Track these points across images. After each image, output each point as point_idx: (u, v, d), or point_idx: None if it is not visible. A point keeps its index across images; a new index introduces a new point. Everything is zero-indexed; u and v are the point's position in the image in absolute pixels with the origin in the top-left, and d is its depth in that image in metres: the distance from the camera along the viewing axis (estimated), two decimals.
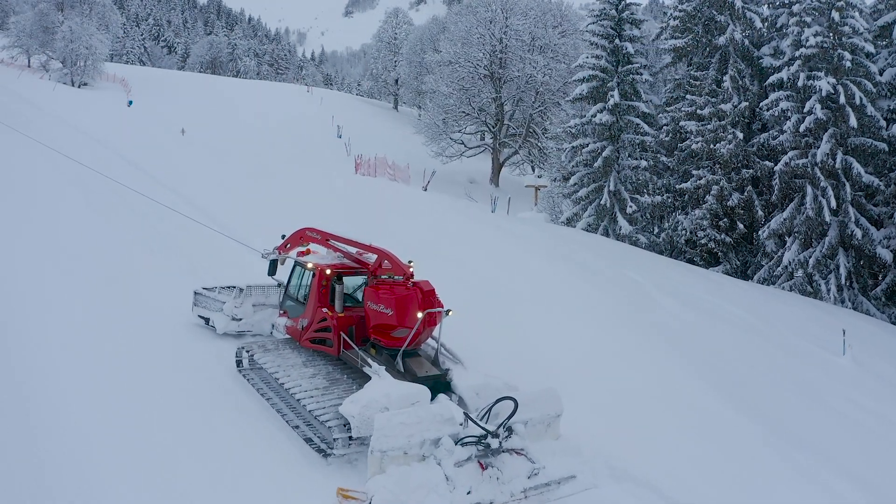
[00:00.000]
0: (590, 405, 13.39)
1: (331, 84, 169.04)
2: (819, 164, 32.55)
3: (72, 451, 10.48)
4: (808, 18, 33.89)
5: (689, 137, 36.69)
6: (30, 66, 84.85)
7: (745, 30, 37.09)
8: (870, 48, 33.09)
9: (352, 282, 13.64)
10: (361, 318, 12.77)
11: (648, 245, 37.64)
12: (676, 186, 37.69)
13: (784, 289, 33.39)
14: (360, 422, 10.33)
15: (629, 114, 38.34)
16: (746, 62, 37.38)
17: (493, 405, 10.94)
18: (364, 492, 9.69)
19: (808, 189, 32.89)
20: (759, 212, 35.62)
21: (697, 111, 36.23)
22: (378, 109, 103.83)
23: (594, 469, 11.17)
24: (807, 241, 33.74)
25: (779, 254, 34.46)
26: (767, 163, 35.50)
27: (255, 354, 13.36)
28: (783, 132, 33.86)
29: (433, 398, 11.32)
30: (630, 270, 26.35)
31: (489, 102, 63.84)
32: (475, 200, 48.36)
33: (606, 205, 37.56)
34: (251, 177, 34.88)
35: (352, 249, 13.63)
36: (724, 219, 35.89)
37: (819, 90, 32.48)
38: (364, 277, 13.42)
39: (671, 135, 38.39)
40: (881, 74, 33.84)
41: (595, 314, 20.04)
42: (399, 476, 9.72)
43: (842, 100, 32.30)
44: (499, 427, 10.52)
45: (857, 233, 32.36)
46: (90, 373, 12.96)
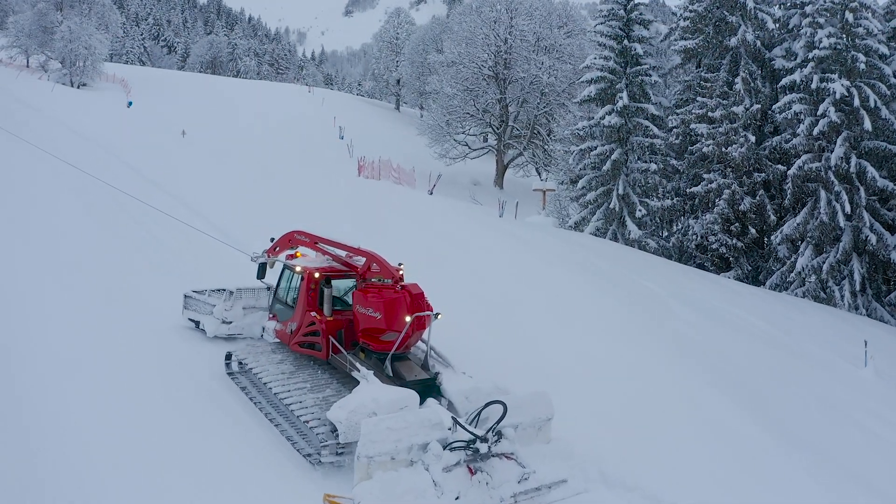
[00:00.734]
0: (604, 417, 13.11)
1: (331, 84, 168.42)
2: (833, 168, 31.93)
3: (57, 457, 10.39)
4: (822, 19, 33.30)
5: (700, 140, 35.96)
6: (28, 67, 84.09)
7: (757, 31, 36.39)
8: (884, 50, 32.53)
9: (342, 285, 13.55)
10: (351, 322, 12.65)
11: (658, 249, 36.96)
12: (687, 190, 36.96)
13: (797, 295, 32.78)
14: (348, 427, 10.24)
15: (638, 116, 37.61)
16: (758, 64, 36.70)
17: (483, 409, 10.77)
18: (351, 498, 9.63)
19: (822, 193, 32.28)
20: (772, 216, 34.91)
21: (708, 113, 35.51)
22: (380, 110, 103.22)
23: (586, 473, 10.98)
24: (820, 247, 33.11)
25: (791, 259, 33.79)
26: (780, 166, 34.83)
27: (244, 358, 13.23)
28: (796, 135, 33.21)
29: (422, 402, 11.18)
30: (645, 278, 25.73)
31: (493, 103, 63.17)
32: (480, 203, 47.78)
33: (615, 209, 36.84)
34: (253, 180, 34.38)
35: (341, 252, 13.52)
36: (736, 223, 35.18)
37: (833, 92, 31.89)
38: (353, 280, 13.24)
39: (681, 137, 37.66)
40: (895, 77, 33.15)
41: (612, 325, 19.39)
42: (386, 482, 9.65)
43: (856, 102, 31.70)
44: (488, 431, 10.35)
45: (872, 238, 31.76)
46: (82, 377, 12.83)
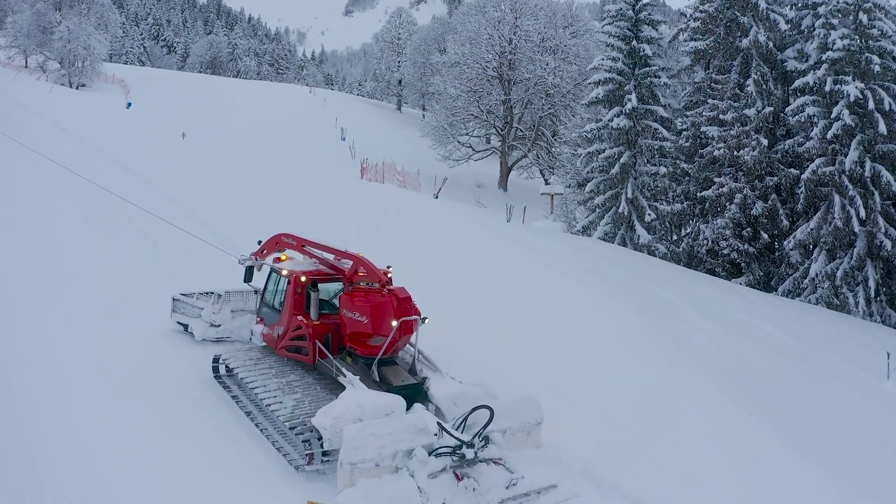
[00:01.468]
0: (620, 432, 12.79)
1: (332, 84, 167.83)
2: (847, 173, 31.27)
3: (41, 465, 10.27)
4: (835, 20, 32.68)
5: (711, 143, 35.22)
6: (27, 67, 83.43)
7: (769, 32, 35.65)
8: None
9: (331, 288, 13.43)
10: (338, 326, 12.48)
11: (667, 254, 36.27)
12: (697, 194, 36.23)
13: (810, 301, 32.14)
14: (333, 434, 10.10)
15: (647, 118, 36.92)
16: (769, 65, 35.96)
17: (469, 414, 10.63)
18: None
19: (836, 198, 31.62)
20: (784, 221, 34.20)
21: (719, 116, 34.76)
22: (381, 111, 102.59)
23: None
24: (833, 252, 32.44)
25: (805, 265, 33.11)
26: (792, 170, 34.12)
27: (231, 363, 13.05)
28: (809, 139, 32.55)
29: (409, 408, 11.00)
30: (658, 286, 25.06)
31: (497, 104, 62.54)
32: (484, 206, 47.17)
33: (624, 213, 36.14)
34: (253, 182, 33.76)
35: (328, 255, 13.38)
36: (748, 228, 34.44)
37: (847, 95, 31.26)
38: (341, 283, 13.05)
39: (691, 140, 36.93)
40: None
41: (627, 336, 18.78)
42: (370, 489, 9.54)
43: (870, 105, 31.12)
44: (474, 437, 10.24)
45: (887, 244, 31.15)
46: (75, 386, 12.68)
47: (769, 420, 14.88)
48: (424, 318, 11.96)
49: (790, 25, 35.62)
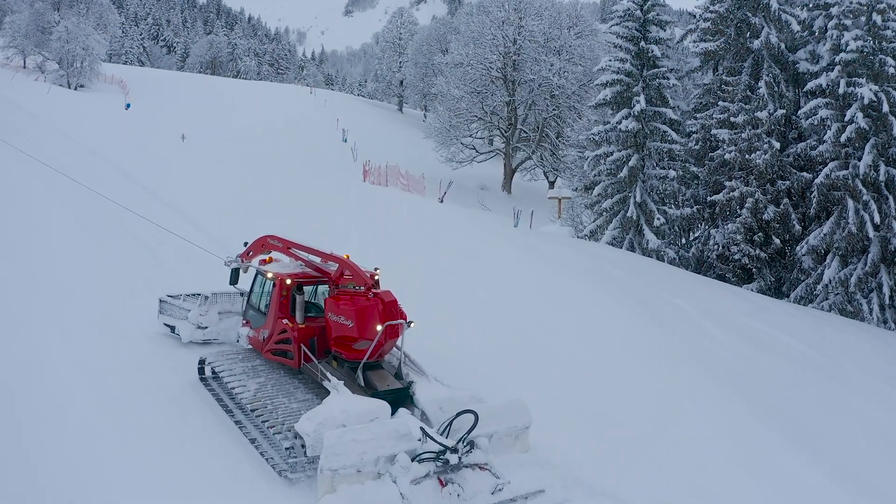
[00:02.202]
0: (637, 453, 12.27)
1: (332, 84, 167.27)
2: (861, 177, 30.61)
3: (22, 472, 10.12)
4: (848, 21, 32.00)
5: (721, 146, 34.52)
6: (25, 67, 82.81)
7: (781, 33, 34.94)
8: None
9: (320, 291, 13.40)
10: (324, 330, 12.39)
11: (676, 259, 35.60)
12: (707, 198, 35.53)
13: (823, 308, 31.48)
14: (316, 440, 9.92)
15: (655, 120, 36.21)
16: (780, 67, 35.24)
17: (454, 419, 10.51)
18: None
19: (849, 203, 30.93)
20: (797, 226, 33.51)
21: (730, 118, 34.07)
22: (383, 111, 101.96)
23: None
24: (846, 258, 31.78)
25: (818, 271, 32.44)
26: (805, 174, 33.42)
27: (217, 366, 12.88)
28: (822, 142, 31.86)
29: (394, 413, 10.86)
30: (671, 294, 24.36)
31: (501, 106, 61.86)
32: (489, 209, 46.57)
33: (632, 217, 35.44)
34: (254, 186, 33.18)
35: (315, 258, 13.22)
36: (759, 233, 33.74)
37: (860, 97, 30.55)
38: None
39: (701, 143, 36.23)
40: None
41: (644, 348, 18.07)
42: (351, 495, 9.46)
43: (885, 108, 30.39)
44: (458, 442, 10.11)
45: None
46: (65, 387, 12.65)
47: (793, 437, 14.28)
48: (410, 322, 11.81)
49: (801, 26, 34.94)
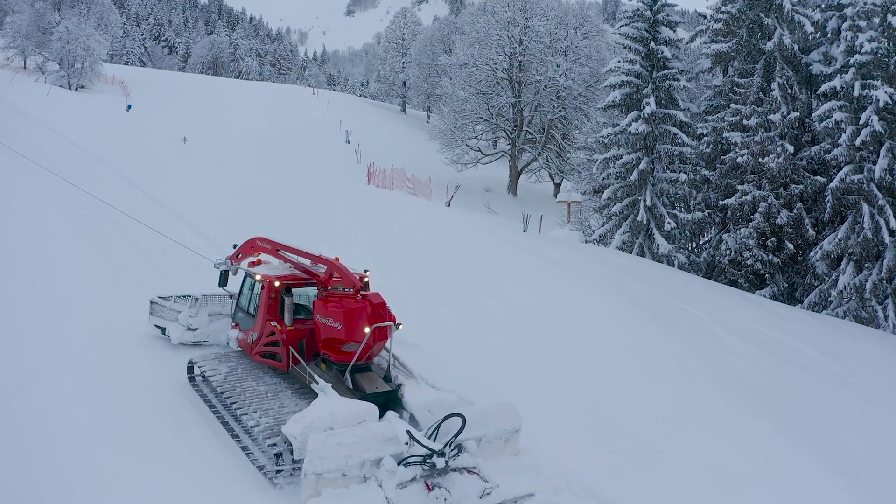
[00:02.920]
0: (639, 456, 12.15)
1: (334, 85, 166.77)
2: (876, 181, 29.98)
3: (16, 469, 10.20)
4: (862, 23, 31.36)
5: (733, 149, 33.87)
6: (26, 68, 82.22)
7: (793, 34, 34.29)
8: None
9: (312, 292, 13.24)
10: (312, 332, 12.37)
11: (687, 264, 34.98)
12: (719, 202, 34.90)
13: (837, 314, 30.88)
14: (303, 443, 9.81)
15: (665, 123, 35.58)
16: (793, 68, 34.59)
17: (441, 422, 10.42)
18: None
19: (864, 207, 30.30)
20: (810, 231, 32.86)
21: (743, 121, 33.44)
22: (386, 112, 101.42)
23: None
24: (860, 264, 31.16)
25: (832, 277, 31.82)
26: (819, 178, 32.80)
27: (205, 369, 12.89)
28: (837, 145, 31.21)
29: (382, 415, 10.83)
30: (685, 303, 23.72)
31: (507, 107, 61.24)
32: (495, 212, 46.03)
33: (642, 221, 34.80)
34: (257, 190, 32.70)
35: (304, 260, 13.22)
36: (772, 238, 33.11)
37: (876, 100, 29.90)
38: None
39: (712, 146, 35.59)
40: None
41: (655, 358, 17.52)
42: (336, 499, 9.41)
43: None
44: (445, 445, 10.01)
45: None
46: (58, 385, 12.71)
47: (827, 459, 13.66)
48: (399, 324, 11.81)
49: (814, 27, 34.33)
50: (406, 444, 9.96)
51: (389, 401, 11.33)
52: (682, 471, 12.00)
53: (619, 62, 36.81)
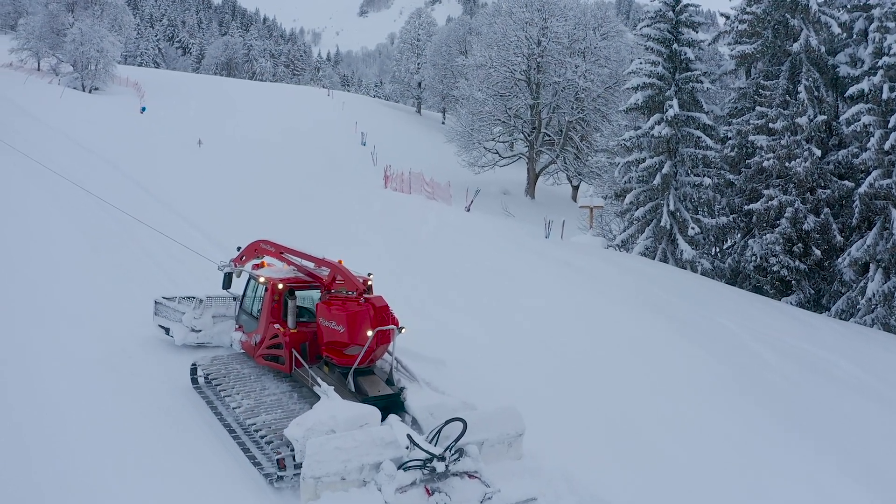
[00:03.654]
0: (671, 479, 11.75)
1: (348, 86, 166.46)
2: None
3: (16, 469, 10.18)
4: (890, 24, 30.58)
5: (759, 153, 33.10)
6: (39, 70, 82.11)
7: (820, 35, 33.51)
8: None
9: (316, 296, 13.13)
10: (315, 335, 12.32)
11: (711, 270, 34.25)
12: (744, 207, 34.14)
13: (865, 322, 30.12)
14: (304, 446, 9.73)
15: (689, 125, 34.84)
16: (819, 70, 33.79)
17: (443, 426, 10.35)
18: None
19: (893, 213, 29.55)
20: (838, 237, 32.08)
21: (769, 124, 32.68)
22: (401, 114, 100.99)
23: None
24: (889, 270, 30.39)
25: (860, 283, 31.06)
26: (847, 182, 32.02)
27: (208, 371, 12.94)
28: (865, 149, 30.43)
29: (384, 419, 10.72)
30: (716, 313, 23.09)
31: (525, 109, 60.59)
32: (513, 215, 45.48)
33: (665, 226, 34.07)
34: (273, 194, 32.31)
35: (307, 263, 13.21)
36: (799, 244, 32.35)
37: None
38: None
39: (737, 149, 34.84)
40: None
41: (685, 373, 17.06)
42: (335, 503, 9.38)
43: None
44: (446, 449, 9.94)
45: None
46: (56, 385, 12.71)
47: (857, 475, 13.20)
48: (401, 328, 11.83)
49: (841, 28, 33.57)
50: (407, 448, 9.91)
51: (392, 404, 11.33)
52: (705, 487, 11.72)
53: (641, 63, 36.11)
